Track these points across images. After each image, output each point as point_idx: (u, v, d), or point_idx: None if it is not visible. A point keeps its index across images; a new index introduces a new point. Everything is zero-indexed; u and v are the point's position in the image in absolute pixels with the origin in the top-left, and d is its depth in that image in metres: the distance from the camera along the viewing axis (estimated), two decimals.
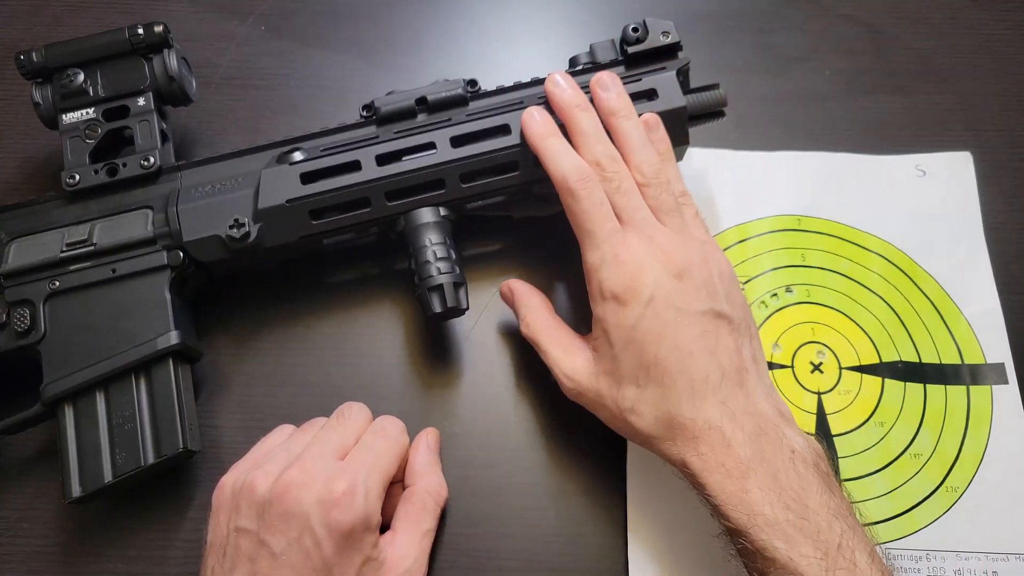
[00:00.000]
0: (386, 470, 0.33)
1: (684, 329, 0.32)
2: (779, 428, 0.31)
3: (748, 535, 0.29)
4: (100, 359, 0.36)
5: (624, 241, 0.33)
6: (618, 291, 0.33)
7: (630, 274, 0.33)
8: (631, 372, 0.32)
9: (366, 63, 0.49)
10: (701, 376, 0.31)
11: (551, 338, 0.36)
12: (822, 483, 0.30)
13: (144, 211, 0.38)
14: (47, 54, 0.39)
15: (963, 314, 0.41)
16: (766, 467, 0.30)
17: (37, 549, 0.37)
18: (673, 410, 0.31)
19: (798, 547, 0.28)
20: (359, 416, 0.35)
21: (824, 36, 0.49)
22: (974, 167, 0.45)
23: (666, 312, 0.32)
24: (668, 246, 0.33)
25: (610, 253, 0.33)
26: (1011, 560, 0.36)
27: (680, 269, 0.33)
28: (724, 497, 0.30)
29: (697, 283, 0.33)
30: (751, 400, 0.32)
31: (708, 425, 0.31)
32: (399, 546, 0.33)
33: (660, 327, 0.32)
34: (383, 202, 0.38)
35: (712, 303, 0.33)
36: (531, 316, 0.37)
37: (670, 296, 0.32)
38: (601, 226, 0.34)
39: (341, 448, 0.33)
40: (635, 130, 0.36)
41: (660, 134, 0.37)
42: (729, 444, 0.30)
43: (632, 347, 0.32)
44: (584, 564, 0.36)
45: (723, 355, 0.32)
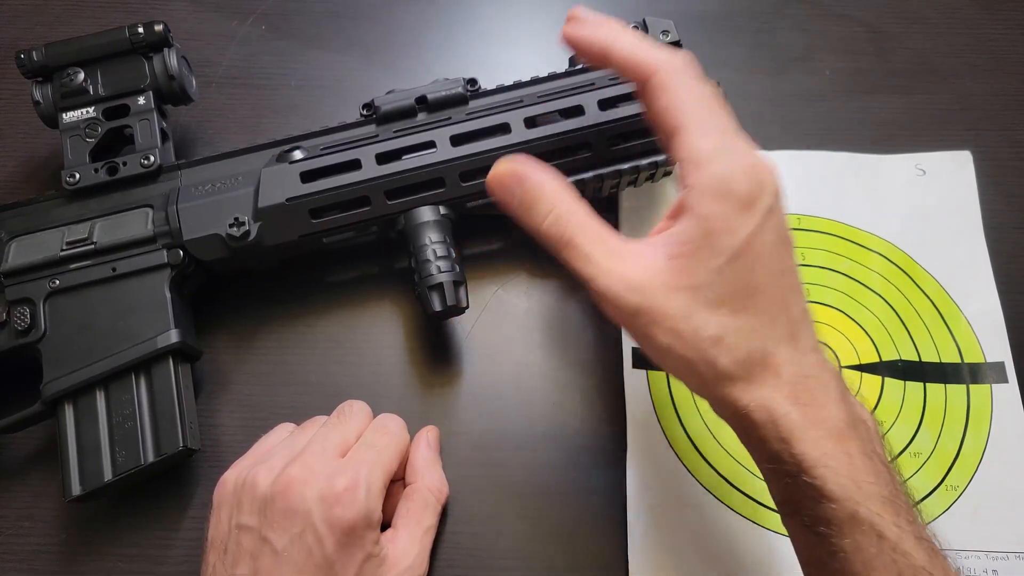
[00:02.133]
0: (387, 467, 0.33)
1: (787, 256, 0.27)
2: (849, 391, 0.28)
3: (854, 505, 0.25)
4: (100, 358, 0.36)
5: (742, 142, 0.28)
6: (743, 189, 0.26)
7: (759, 170, 0.27)
8: (730, 293, 0.26)
9: (366, 62, 0.49)
10: (799, 315, 0.27)
11: (592, 236, 0.28)
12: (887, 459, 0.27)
13: (144, 210, 0.38)
14: (47, 53, 0.39)
15: (963, 313, 0.41)
16: (858, 434, 0.26)
17: (37, 548, 0.37)
18: (771, 348, 0.26)
19: (905, 527, 0.25)
20: (360, 414, 0.35)
21: (824, 35, 0.49)
22: (974, 166, 0.45)
23: (778, 231, 0.27)
24: (766, 163, 0.28)
25: (728, 143, 0.27)
26: (1011, 559, 0.36)
27: (780, 187, 0.27)
28: (826, 459, 0.25)
29: (785, 210, 0.28)
30: (823, 356, 0.28)
31: (805, 373, 0.26)
32: (400, 543, 0.33)
33: (773, 247, 0.27)
34: (383, 201, 0.38)
35: (792, 236, 0.28)
36: (561, 204, 0.28)
37: (780, 214, 0.27)
38: (715, 112, 0.28)
39: (342, 445, 0.33)
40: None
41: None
42: (828, 399, 0.26)
43: (743, 262, 0.26)
44: (584, 564, 0.36)
45: (803, 299, 0.28)
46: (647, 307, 0.27)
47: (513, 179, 0.29)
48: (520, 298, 0.42)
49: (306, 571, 0.29)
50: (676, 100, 0.28)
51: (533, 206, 0.29)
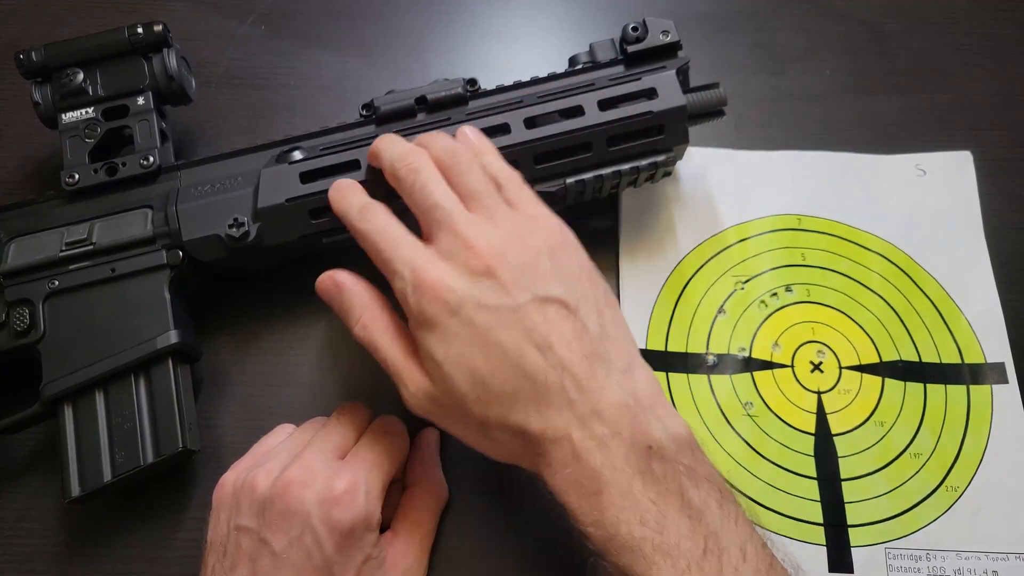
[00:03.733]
0: (387, 469, 0.33)
1: (507, 329, 0.29)
2: (635, 421, 0.28)
3: (608, 558, 0.27)
4: (99, 358, 0.36)
5: (422, 255, 0.30)
6: (425, 311, 0.29)
7: (430, 287, 0.29)
8: (469, 390, 0.29)
9: (366, 62, 0.49)
10: (541, 378, 0.28)
11: (391, 344, 0.31)
12: (684, 480, 0.27)
13: (143, 210, 0.38)
14: (47, 53, 0.39)
15: (963, 313, 0.41)
16: (619, 476, 0.27)
17: (37, 549, 0.37)
18: (521, 422, 0.28)
19: (658, 569, 0.26)
20: (359, 415, 0.35)
21: (824, 35, 0.49)
22: (974, 166, 0.45)
23: (480, 316, 0.29)
24: (473, 238, 0.30)
25: (409, 273, 0.30)
26: (1011, 560, 0.36)
27: (487, 262, 0.29)
28: (583, 518, 0.27)
29: (513, 270, 0.29)
30: (602, 394, 0.28)
31: (556, 436, 0.28)
32: (399, 545, 0.33)
33: (480, 334, 0.29)
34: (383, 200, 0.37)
35: (535, 288, 0.29)
36: (365, 314, 0.32)
37: (480, 297, 0.29)
38: (393, 249, 0.31)
39: (342, 447, 0.33)
40: (440, 133, 0.34)
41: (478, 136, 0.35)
42: (579, 455, 0.27)
43: (460, 364, 0.29)
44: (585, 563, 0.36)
45: (560, 347, 0.29)
46: (427, 412, 0.31)
47: (334, 287, 0.33)
48: None
49: (305, 573, 0.29)
50: (374, 257, 0.32)
51: (347, 313, 0.33)
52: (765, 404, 0.39)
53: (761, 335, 0.41)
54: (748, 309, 0.41)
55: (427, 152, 0.32)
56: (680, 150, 0.40)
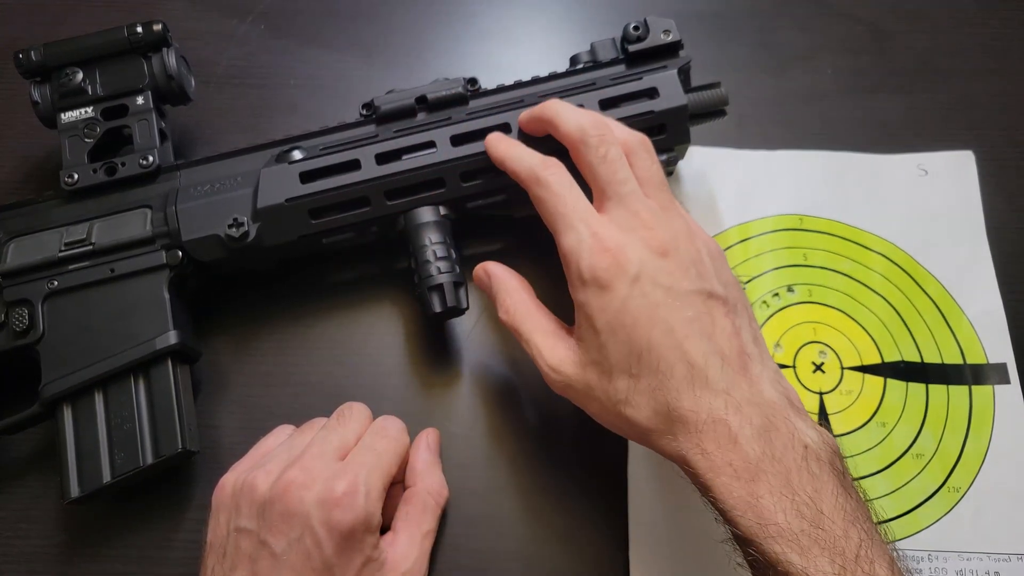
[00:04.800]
0: (387, 470, 0.33)
1: (676, 310, 0.29)
2: (790, 420, 0.28)
3: (759, 546, 0.26)
4: (98, 359, 0.36)
5: (601, 220, 0.31)
6: (599, 271, 0.30)
7: (611, 251, 0.30)
8: (622, 361, 0.30)
9: (366, 62, 0.48)
10: (700, 361, 0.29)
11: (534, 324, 0.33)
12: (837, 484, 0.27)
13: (143, 210, 0.38)
14: (46, 53, 0.39)
15: (965, 314, 0.41)
16: (777, 467, 0.27)
17: (37, 549, 0.37)
18: (672, 400, 0.29)
19: (814, 560, 0.25)
20: (359, 416, 0.35)
21: (825, 35, 0.49)
22: (976, 166, 0.44)
23: (654, 292, 0.30)
24: (652, 221, 0.31)
25: (587, 232, 0.31)
26: (1013, 561, 0.36)
27: (664, 246, 0.31)
28: (732, 502, 0.27)
29: (685, 261, 0.31)
30: (756, 388, 0.29)
31: (712, 418, 0.28)
32: (400, 547, 0.33)
33: (650, 308, 0.29)
34: (383, 201, 0.37)
35: (702, 282, 0.31)
36: (510, 300, 0.34)
37: (656, 274, 0.30)
38: (574, 206, 0.32)
39: (342, 448, 0.33)
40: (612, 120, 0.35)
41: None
42: (736, 440, 0.27)
43: (621, 333, 0.30)
44: (585, 565, 0.36)
45: (721, 338, 0.30)
46: (570, 382, 0.32)
47: (485, 275, 0.36)
48: None
49: (305, 575, 0.29)
50: (543, 211, 0.33)
51: (495, 298, 0.35)
52: None
53: (763, 335, 0.41)
54: None
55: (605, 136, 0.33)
56: (681, 150, 0.40)
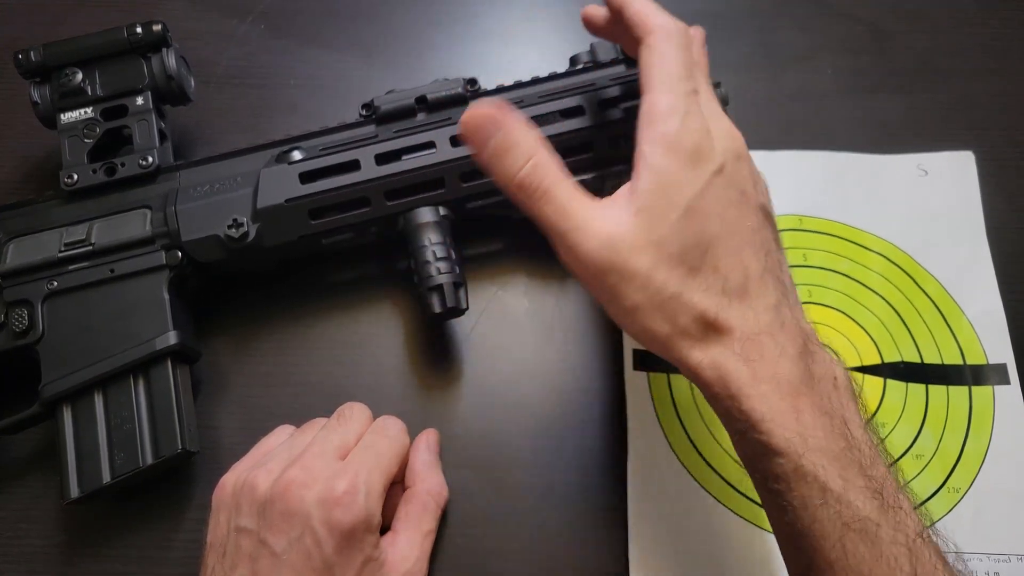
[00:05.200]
0: (387, 470, 0.33)
1: (746, 215, 0.28)
2: (823, 351, 0.28)
3: (798, 458, 0.25)
4: (98, 359, 0.36)
5: (698, 105, 0.29)
6: (693, 144, 0.28)
7: (708, 134, 0.28)
8: (687, 249, 0.27)
9: (366, 62, 0.48)
10: (756, 273, 0.28)
11: (570, 187, 0.28)
12: (862, 418, 0.27)
13: (142, 211, 0.38)
14: (45, 53, 0.39)
15: (965, 314, 0.41)
16: (815, 388, 0.27)
17: (37, 549, 0.37)
18: (724, 305, 0.27)
19: (853, 479, 0.25)
20: (360, 416, 0.35)
21: (825, 35, 0.49)
22: (976, 166, 0.44)
23: (731, 189, 0.28)
24: (730, 127, 0.30)
25: (685, 106, 0.28)
26: (1013, 561, 0.36)
27: (740, 151, 0.30)
28: (772, 414, 0.26)
29: (752, 173, 0.30)
30: (796, 315, 0.29)
31: (758, 330, 0.27)
32: (400, 547, 0.33)
33: (726, 203, 0.28)
34: (382, 201, 0.37)
35: (763, 199, 0.30)
36: (539, 153, 0.28)
37: (735, 175, 0.29)
38: (687, 80, 0.29)
39: (342, 448, 0.33)
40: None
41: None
42: (781, 355, 0.27)
43: (696, 218, 0.27)
44: (585, 564, 0.36)
45: (772, 259, 0.29)
46: (619, 264, 0.27)
47: (491, 123, 0.28)
48: (520, 299, 0.42)
49: (305, 574, 0.29)
50: (653, 61, 0.29)
51: (510, 152, 0.28)
52: None
53: None
54: None
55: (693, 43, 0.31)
56: None
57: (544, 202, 0.28)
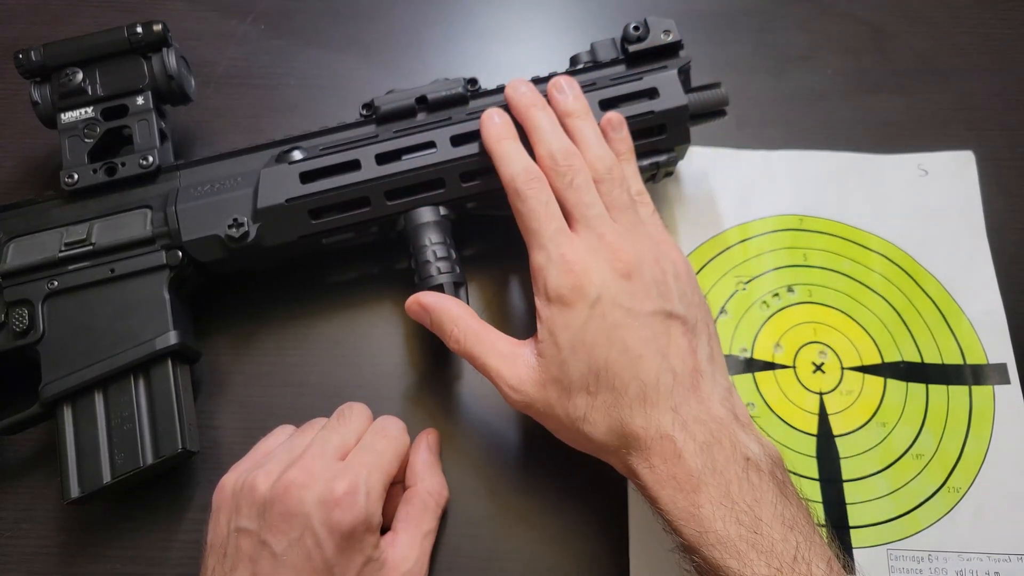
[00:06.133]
0: (387, 470, 0.33)
1: (633, 331, 0.31)
2: (734, 434, 0.30)
3: (700, 552, 0.28)
4: (99, 359, 0.35)
5: (570, 241, 0.33)
6: (564, 291, 0.32)
7: (575, 273, 0.32)
8: (581, 378, 0.31)
9: (366, 62, 0.48)
10: (652, 380, 0.30)
11: (487, 348, 0.33)
12: (777, 492, 0.29)
13: (143, 211, 0.38)
14: (46, 53, 0.39)
15: (965, 314, 0.41)
16: (718, 479, 0.29)
17: (37, 550, 0.37)
18: (625, 418, 0.30)
19: (751, 565, 0.27)
20: (360, 416, 0.35)
21: (825, 35, 0.49)
22: (976, 166, 0.44)
23: (613, 312, 0.31)
24: (617, 244, 0.33)
25: (556, 252, 0.32)
26: (1013, 561, 0.36)
27: (629, 268, 0.32)
28: (676, 512, 0.29)
29: (647, 282, 0.32)
30: (705, 405, 0.31)
31: (660, 434, 0.30)
32: (400, 547, 0.33)
33: (608, 328, 0.31)
34: (383, 201, 0.37)
35: (663, 303, 0.32)
36: (458, 328, 0.34)
37: (618, 296, 0.31)
38: (547, 225, 0.33)
39: (342, 448, 0.33)
40: (590, 128, 0.36)
41: (623, 134, 0.37)
42: (680, 455, 0.29)
43: (581, 350, 0.31)
44: (585, 564, 0.36)
45: (675, 357, 0.31)
46: (530, 402, 0.32)
47: (421, 310, 0.35)
48: (520, 299, 0.42)
49: (305, 575, 0.29)
50: (519, 222, 0.34)
51: (441, 329, 0.35)
52: (767, 405, 0.39)
53: (763, 336, 0.41)
54: (750, 310, 0.41)
55: (582, 155, 0.35)
56: (681, 150, 0.40)
57: (471, 361, 0.34)
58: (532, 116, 0.36)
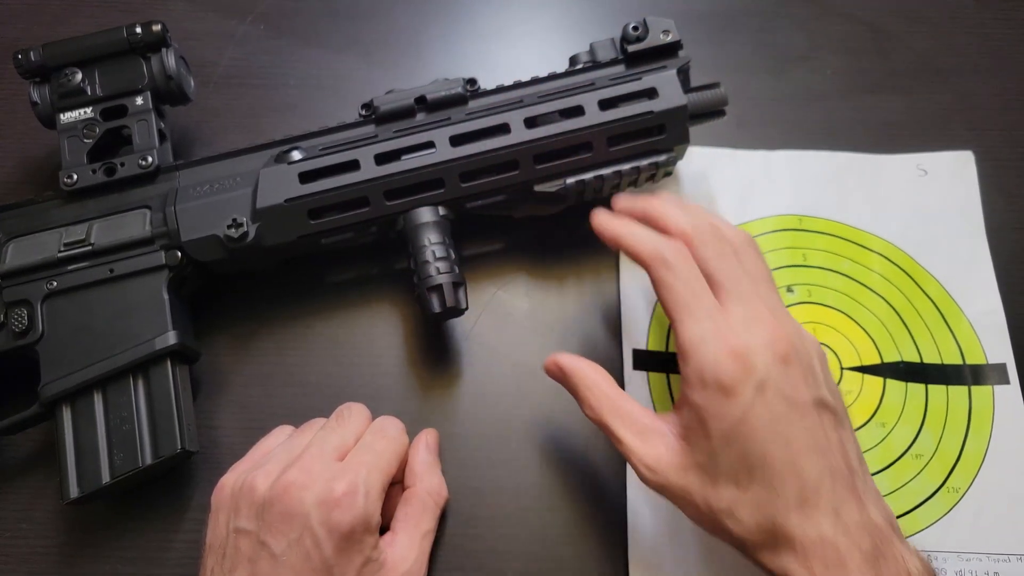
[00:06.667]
0: (386, 470, 0.33)
1: (795, 423, 0.28)
2: (894, 546, 0.28)
3: None
4: (98, 359, 0.36)
5: (727, 317, 0.30)
6: (724, 377, 0.29)
7: (739, 356, 0.29)
8: (731, 470, 0.28)
9: (365, 62, 0.48)
10: (813, 480, 0.28)
11: (624, 421, 0.31)
12: None
13: (142, 211, 0.38)
14: (45, 53, 0.39)
15: (965, 314, 0.41)
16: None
17: (36, 550, 0.37)
18: (780, 518, 0.28)
19: None
20: (359, 416, 0.35)
21: (825, 35, 0.49)
22: (976, 166, 0.44)
23: (777, 403, 0.28)
24: (773, 323, 0.30)
25: (712, 330, 0.29)
26: (1012, 561, 0.36)
27: (787, 351, 0.29)
28: None
29: (804, 367, 0.30)
30: (864, 510, 0.28)
31: (820, 538, 0.27)
32: (399, 547, 0.33)
33: (771, 420, 0.28)
34: (382, 201, 0.37)
35: (817, 391, 0.29)
36: (593, 396, 0.32)
37: (780, 383, 0.29)
38: (700, 300, 0.30)
39: (341, 448, 0.33)
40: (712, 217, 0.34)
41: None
42: (844, 564, 0.27)
43: (737, 443, 0.28)
44: (585, 564, 0.36)
45: (832, 454, 0.29)
46: (667, 485, 0.30)
47: (558, 371, 0.34)
48: (520, 299, 0.42)
49: (304, 575, 0.29)
50: (665, 295, 0.31)
51: (575, 393, 0.33)
52: None
53: None
54: None
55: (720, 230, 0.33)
56: (681, 150, 0.40)
57: (606, 432, 0.32)
58: (655, 205, 0.34)
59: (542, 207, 0.40)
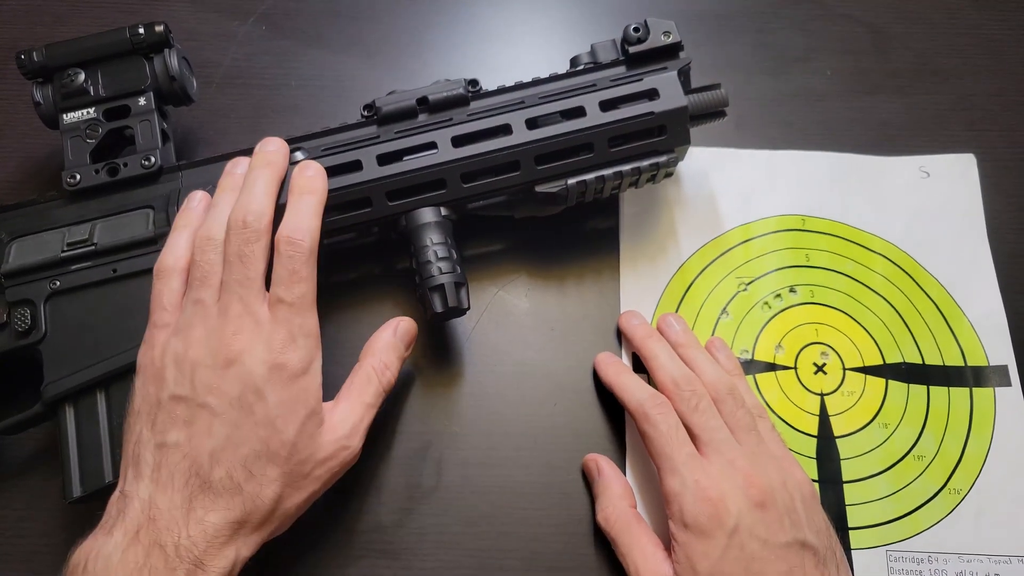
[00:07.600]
0: (311, 269, 0.33)
1: (770, 563, 0.31)
2: None
3: None
4: (101, 359, 0.36)
5: (703, 467, 0.33)
6: (701, 520, 0.32)
7: (712, 502, 0.32)
8: None
9: (367, 63, 0.48)
10: None
11: (633, 540, 0.34)
12: None
13: (145, 211, 0.38)
14: (48, 54, 0.39)
15: (966, 316, 0.41)
16: None
17: (37, 549, 0.37)
18: None
19: None
20: (263, 181, 0.34)
21: (825, 36, 0.49)
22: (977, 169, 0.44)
23: (751, 544, 0.31)
24: (749, 470, 0.33)
25: (690, 479, 0.33)
26: (1013, 562, 0.36)
27: (762, 497, 0.32)
28: None
29: (780, 511, 0.32)
30: None
31: None
32: (339, 411, 0.33)
33: (746, 561, 0.31)
34: (384, 202, 0.38)
35: (796, 532, 0.32)
36: (611, 508, 0.35)
37: (754, 527, 0.31)
38: (679, 450, 0.33)
39: (263, 253, 0.33)
40: (703, 356, 0.38)
41: (726, 353, 0.39)
42: None
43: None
44: (585, 564, 0.36)
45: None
46: None
47: (594, 468, 0.37)
48: (521, 299, 0.42)
49: (244, 427, 0.30)
50: (648, 446, 0.35)
51: (598, 499, 0.36)
52: (768, 406, 0.39)
53: (764, 337, 0.41)
54: (751, 311, 0.41)
55: (701, 379, 0.36)
56: (682, 151, 0.40)
57: (613, 545, 0.35)
58: (649, 346, 0.38)
59: (543, 208, 0.40)
